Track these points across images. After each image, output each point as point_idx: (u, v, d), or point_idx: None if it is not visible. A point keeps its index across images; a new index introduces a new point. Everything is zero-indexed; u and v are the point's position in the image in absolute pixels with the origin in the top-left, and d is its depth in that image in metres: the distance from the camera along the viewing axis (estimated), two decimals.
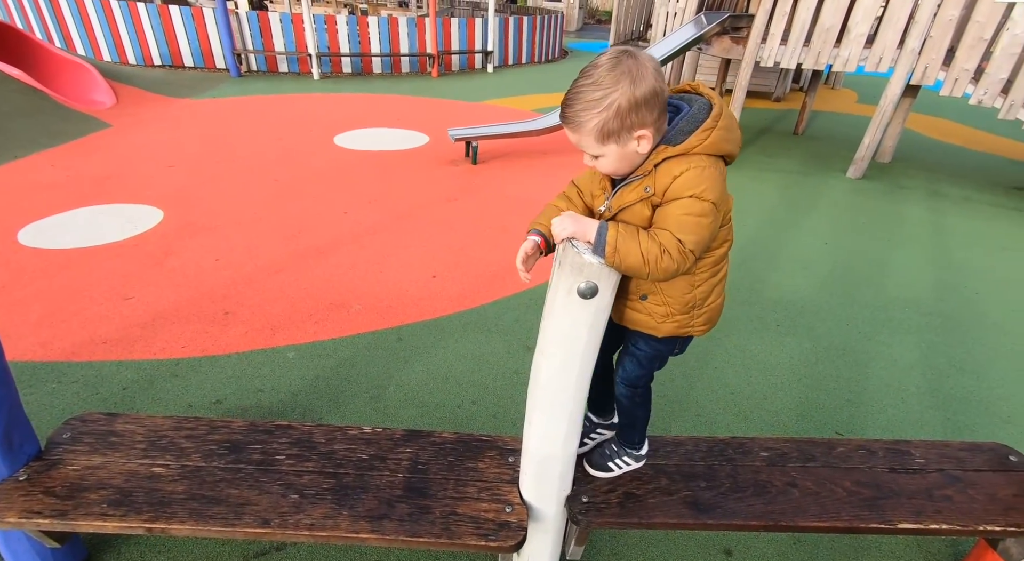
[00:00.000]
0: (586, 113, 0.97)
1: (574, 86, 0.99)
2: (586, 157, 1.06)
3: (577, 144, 1.04)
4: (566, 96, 1.00)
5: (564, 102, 1.00)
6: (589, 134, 0.99)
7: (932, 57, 4.72)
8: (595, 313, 1.03)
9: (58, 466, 1.30)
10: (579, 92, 0.97)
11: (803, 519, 1.26)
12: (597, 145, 1.01)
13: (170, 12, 9.30)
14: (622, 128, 0.97)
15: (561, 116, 1.03)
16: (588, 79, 0.97)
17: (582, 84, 0.97)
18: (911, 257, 3.83)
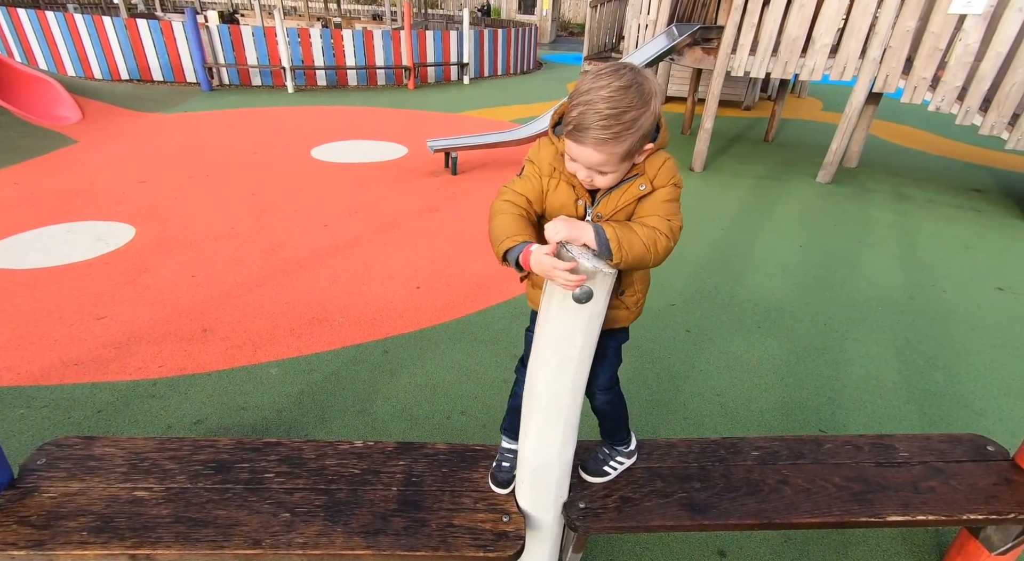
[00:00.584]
0: (624, 134, 0.94)
1: (599, 103, 0.92)
2: (583, 172, 1.02)
3: (589, 162, 0.98)
4: (591, 114, 0.92)
5: (594, 121, 0.92)
6: (616, 155, 0.97)
7: (892, 66, 4.93)
8: (590, 318, 1.04)
9: (33, 494, 1.24)
10: (613, 112, 0.92)
11: (796, 516, 1.28)
12: (617, 163, 0.99)
13: (137, 26, 9.13)
14: (640, 145, 0.99)
15: (586, 135, 0.94)
16: (620, 98, 0.92)
17: (613, 103, 0.92)
18: (881, 257, 3.96)
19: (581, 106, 0.94)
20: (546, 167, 1.10)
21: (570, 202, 1.09)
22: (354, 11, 21.97)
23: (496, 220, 1.06)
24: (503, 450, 1.43)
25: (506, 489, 1.37)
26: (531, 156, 1.13)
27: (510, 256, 1.01)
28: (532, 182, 1.10)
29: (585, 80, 0.96)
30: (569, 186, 1.08)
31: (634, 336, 2.78)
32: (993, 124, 4.70)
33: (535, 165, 1.11)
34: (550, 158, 1.09)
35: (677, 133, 7.61)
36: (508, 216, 1.06)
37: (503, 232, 1.03)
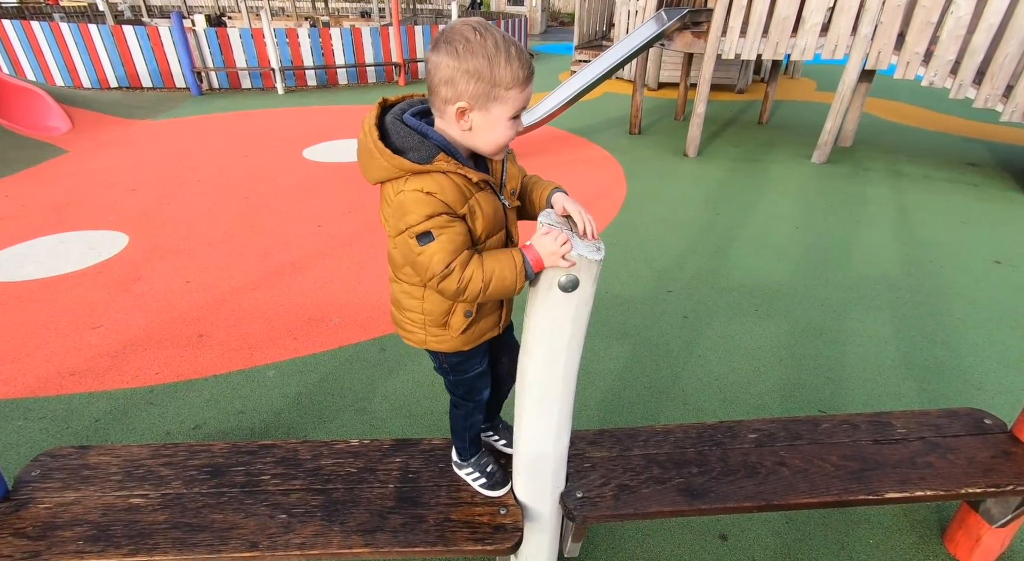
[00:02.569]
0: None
1: (509, 41, 0.93)
2: (517, 123, 0.99)
3: (525, 101, 0.97)
4: (518, 51, 0.93)
5: (521, 56, 0.93)
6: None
7: (884, 42, 4.88)
8: (577, 306, 1.02)
9: (27, 506, 1.23)
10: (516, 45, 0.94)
11: (794, 497, 1.28)
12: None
13: (124, 33, 9.07)
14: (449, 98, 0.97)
15: (530, 66, 0.95)
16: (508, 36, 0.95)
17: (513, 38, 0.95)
18: (878, 235, 3.94)
19: (514, 52, 0.92)
20: (459, 198, 0.96)
21: (495, 202, 1.04)
22: (342, 9, 21.80)
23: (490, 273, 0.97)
24: (478, 459, 1.38)
25: (507, 486, 1.36)
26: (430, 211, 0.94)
27: (529, 273, 0.99)
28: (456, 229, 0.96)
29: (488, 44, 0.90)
30: (484, 191, 1.01)
31: (631, 324, 2.81)
32: (987, 97, 4.66)
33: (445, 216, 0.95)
34: (452, 189, 0.95)
35: (670, 120, 7.56)
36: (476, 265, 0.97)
37: (504, 268, 0.97)
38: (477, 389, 1.31)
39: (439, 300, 1.10)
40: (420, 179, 0.95)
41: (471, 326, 1.13)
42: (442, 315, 1.12)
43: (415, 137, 0.98)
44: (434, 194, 0.94)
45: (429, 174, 0.95)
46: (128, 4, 18.95)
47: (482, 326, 1.17)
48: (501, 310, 1.20)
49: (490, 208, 1.01)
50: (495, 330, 1.21)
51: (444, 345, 1.17)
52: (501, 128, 0.97)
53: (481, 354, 1.25)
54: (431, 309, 1.12)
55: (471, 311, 1.11)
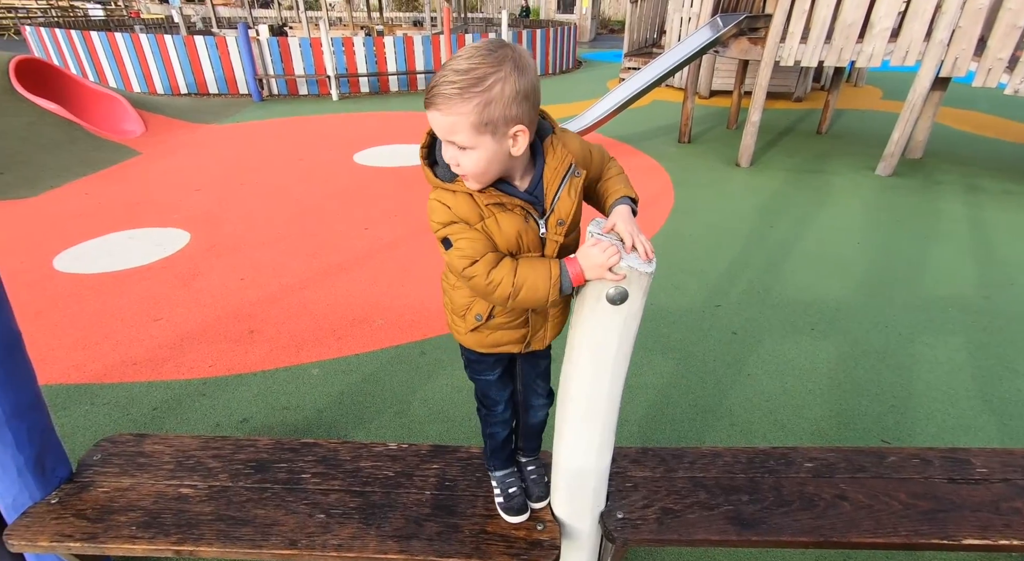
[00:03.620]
0: (470, 92, 0.84)
1: (449, 63, 0.86)
2: (448, 152, 0.92)
3: (440, 129, 0.90)
4: (439, 74, 0.87)
5: (440, 78, 0.86)
6: (465, 118, 0.86)
7: (962, 48, 4.56)
8: (625, 319, 0.98)
9: (88, 489, 1.30)
10: (458, 69, 0.85)
11: (856, 535, 1.18)
12: (471, 132, 0.88)
13: (195, 43, 9.65)
14: (505, 122, 0.88)
15: (432, 94, 0.87)
16: (469, 56, 0.85)
17: (460, 62, 0.85)
18: (951, 254, 3.67)
19: (439, 71, 0.88)
20: (473, 215, 0.97)
21: (519, 225, 0.98)
22: (396, 19, 22.48)
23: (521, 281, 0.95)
24: (502, 477, 1.34)
25: (524, 515, 1.30)
26: (443, 219, 0.98)
27: (566, 287, 0.95)
28: (474, 234, 0.96)
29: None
30: (508, 212, 0.97)
31: (676, 338, 2.71)
32: None
33: (461, 225, 0.97)
34: (467, 206, 0.97)
35: (722, 128, 7.34)
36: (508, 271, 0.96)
37: (539, 278, 0.95)
38: (490, 398, 1.29)
39: (464, 293, 1.12)
40: (441, 191, 0.99)
41: (480, 329, 1.14)
42: (460, 307, 1.14)
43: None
44: (449, 207, 0.98)
45: (447, 194, 0.98)
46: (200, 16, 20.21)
47: (498, 336, 1.14)
48: (527, 328, 1.13)
49: (512, 230, 0.98)
50: (516, 346, 1.15)
51: (460, 337, 1.19)
52: None
53: (494, 363, 1.23)
54: (455, 298, 1.15)
55: (481, 315, 1.11)
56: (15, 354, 1.15)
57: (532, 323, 1.13)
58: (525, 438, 1.39)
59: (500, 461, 1.36)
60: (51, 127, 6.03)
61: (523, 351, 1.18)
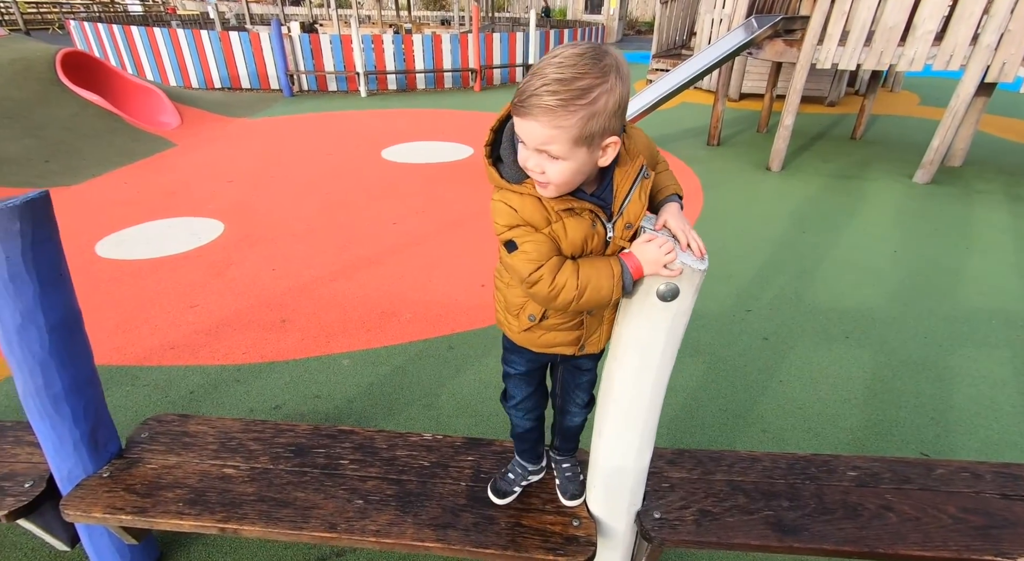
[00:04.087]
0: (574, 104, 0.80)
1: (547, 68, 0.81)
2: (532, 159, 0.88)
3: (534, 139, 0.85)
4: (537, 79, 0.81)
5: (539, 86, 0.80)
6: (565, 131, 0.82)
7: (1011, 52, 4.41)
8: (674, 316, 0.98)
9: (137, 465, 1.34)
10: (561, 77, 0.80)
11: (904, 547, 1.15)
12: (568, 146, 0.84)
13: (230, 38, 9.86)
14: (601, 135, 0.85)
15: (529, 103, 0.82)
16: (572, 63, 0.80)
17: (562, 68, 0.80)
18: (993, 265, 3.55)
19: (529, 76, 0.83)
20: (540, 219, 0.94)
21: (587, 229, 0.95)
22: (423, 17, 22.65)
23: (585, 282, 0.94)
24: (516, 463, 1.36)
25: (503, 499, 1.31)
26: (508, 222, 0.96)
27: (628, 284, 0.95)
28: (538, 237, 0.94)
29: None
30: (576, 217, 0.95)
31: (706, 341, 2.68)
32: None
33: (526, 228, 0.95)
34: (534, 209, 0.94)
35: (752, 132, 7.22)
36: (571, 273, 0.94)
37: (602, 277, 0.94)
38: (508, 390, 1.29)
39: (518, 292, 1.09)
40: (507, 192, 0.96)
41: (532, 329, 1.12)
42: (514, 306, 1.13)
43: (512, 149, 0.96)
44: (515, 210, 0.95)
45: (513, 195, 0.95)
46: (234, 12, 20.65)
47: (551, 337, 1.12)
48: (581, 330, 1.10)
49: (579, 235, 0.95)
50: (569, 348, 1.13)
51: (512, 335, 1.17)
52: None
53: (530, 359, 1.20)
54: (508, 296, 1.13)
55: (535, 316, 1.09)
56: (76, 332, 1.19)
57: (587, 325, 1.10)
58: (561, 438, 1.38)
59: (519, 449, 1.36)
60: (93, 118, 6.23)
61: (577, 354, 1.15)
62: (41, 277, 1.07)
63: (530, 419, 1.31)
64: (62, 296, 1.13)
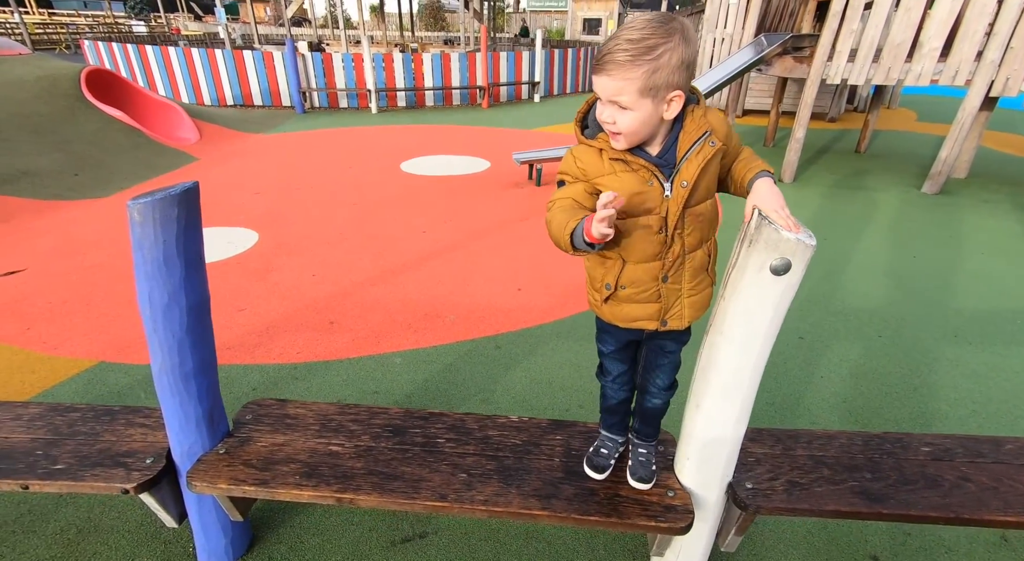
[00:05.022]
0: (640, 59, 0.95)
1: (621, 33, 0.98)
2: (607, 112, 1.03)
3: (607, 91, 1.00)
4: (611, 41, 0.98)
5: (613, 46, 0.97)
6: (632, 83, 0.97)
7: (1014, 68, 4.61)
8: (784, 290, 1.06)
9: (249, 443, 1.40)
10: (631, 38, 0.96)
11: (988, 513, 1.22)
12: (636, 96, 0.99)
13: (243, 57, 10.07)
14: (665, 88, 0.99)
15: (604, 62, 0.98)
16: (641, 27, 0.96)
17: (633, 31, 0.96)
18: (1010, 268, 3.67)
19: (606, 41, 1.00)
20: (594, 170, 1.10)
21: (640, 184, 1.07)
22: (427, 38, 23.12)
23: (555, 218, 1.07)
24: (605, 437, 1.44)
25: (602, 474, 1.37)
26: (566, 168, 1.15)
27: (576, 240, 1.02)
28: (573, 187, 1.12)
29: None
30: (631, 172, 1.08)
31: None
32: None
33: (575, 175, 1.13)
34: (594, 160, 1.10)
35: (759, 146, 7.41)
36: (558, 212, 1.08)
37: (563, 221, 1.04)
38: (604, 367, 1.37)
39: (595, 264, 1.21)
40: (580, 147, 1.14)
41: (611, 300, 1.21)
42: (596, 281, 1.23)
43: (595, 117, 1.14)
44: (577, 160, 1.13)
45: (588, 146, 1.12)
46: (239, 33, 21.03)
47: (629, 309, 1.19)
48: (659, 303, 1.17)
49: (628, 186, 1.07)
50: (651, 322, 1.20)
51: (597, 309, 1.26)
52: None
53: (618, 337, 1.28)
54: (591, 271, 1.25)
55: (610, 284, 1.18)
56: (206, 314, 1.26)
57: (664, 297, 1.17)
58: (640, 420, 1.42)
59: (607, 423, 1.43)
60: (117, 133, 6.34)
61: (660, 328, 1.21)
62: (187, 260, 1.15)
63: (626, 389, 1.39)
64: (200, 279, 1.21)
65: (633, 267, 1.15)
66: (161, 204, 1.06)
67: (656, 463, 1.39)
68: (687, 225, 1.12)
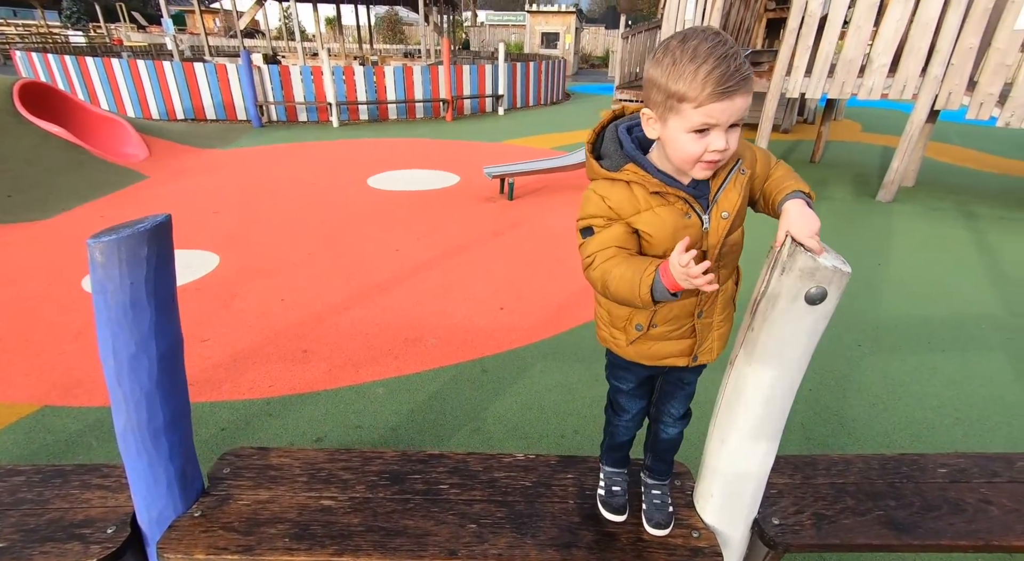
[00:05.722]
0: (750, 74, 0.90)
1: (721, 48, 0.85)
2: (720, 141, 0.90)
3: (738, 113, 0.89)
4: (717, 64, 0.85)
5: (736, 64, 0.85)
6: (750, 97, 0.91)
7: (955, 83, 4.89)
8: (818, 319, 1.01)
9: (228, 502, 1.24)
10: (737, 50, 0.87)
11: (1015, 537, 1.20)
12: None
13: (194, 69, 9.65)
14: None
15: (735, 80, 0.85)
16: (728, 38, 0.89)
17: (730, 44, 0.87)
18: (968, 275, 3.84)
19: (711, 63, 0.84)
20: (628, 209, 0.99)
21: (678, 219, 0.99)
22: (387, 50, 22.93)
23: (614, 273, 0.96)
24: (612, 474, 1.35)
25: (623, 515, 1.29)
26: (593, 212, 1.01)
27: (657, 294, 0.91)
28: (611, 233, 0.99)
29: (679, 52, 0.86)
30: (668, 206, 0.99)
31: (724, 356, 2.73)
32: None
33: (607, 217, 1.00)
34: (625, 197, 0.99)
35: None
36: (615, 267, 0.96)
37: (635, 272, 0.93)
38: (619, 405, 1.28)
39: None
40: (603, 183, 1.01)
41: (640, 340, 1.12)
42: (621, 319, 1.13)
43: (614, 146, 1.04)
44: (605, 199, 1.00)
45: (614, 180, 1.00)
46: (189, 44, 20.28)
47: (661, 347, 1.12)
48: (693, 338, 1.11)
49: (667, 223, 0.98)
50: (682, 358, 1.13)
51: (620, 350, 1.17)
52: (681, 141, 0.92)
53: (639, 374, 1.21)
54: (614, 310, 1.14)
55: (642, 325, 1.10)
56: (179, 360, 1.11)
57: (699, 332, 1.10)
58: (655, 458, 1.34)
59: (613, 459, 1.35)
60: (56, 150, 5.91)
61: (690, 365, 1.15)
62: (159, 303, 1.01)
63: (631, 432, 1.31)
64: (172, 322, 1.07)
65: (670, 305, 1.06)
66: (128, 242, 0.91)
67: (672, 503, 1.31)
68: (723, 256, 1.06)
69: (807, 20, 5.04)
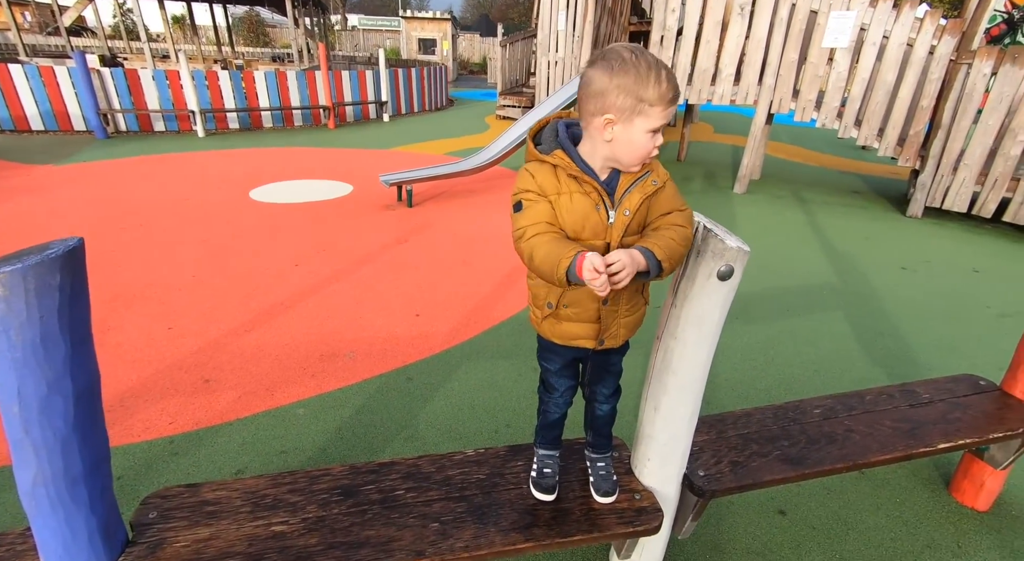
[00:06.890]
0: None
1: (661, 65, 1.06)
2: (660, 137, 1.10)
3: (670, 117, 1.09)
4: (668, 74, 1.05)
5: (671, 79, 1.05)
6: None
7: (784, 91, 5.79)
8: (728, 293, 1.19)
9: (163, 547, 1.12)
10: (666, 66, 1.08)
11: (872, 455, 1.50)
12: None
13: (10, 72, 8.20)
14: None
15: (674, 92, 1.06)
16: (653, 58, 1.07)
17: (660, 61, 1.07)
18: (808, 251, 4.57)
19: (664, 74, 1.04)
20: (551, 188, 1.11)
21: (590, 209, 1.11)
22: (252, 53, 21.30)
23: (541, 250, 1.05)
24: (544, 456, 1.44)
25: (552, 494, 1.36)
26: (525, 186, 1.12)
27: (571, 276, 1.01)
28: (539, 209, 1.10)
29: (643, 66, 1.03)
30: (583, 195, 1.11)
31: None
32: (866, 136, 5.66)
33: (536, 193, 1.11)
34: (550, 178, 1.11)
35: None
36: (541, 243, 1.06)
37: (556, 255, 1.03)
38: (550, 384, 1.38)
39: (540, 284, 1.23)
40: (534, 163, 1.16)
41: (551, 318, 1.25)
42: (539, 298, 1.25)
43: (551, 135, 1.19)
44: (534, 176, 1.13)
45: (542, 162, 1.14)
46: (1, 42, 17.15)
47: (568, 327, 1.24)
48: (598, 324, 1.22)
49: (580, 209, 1.10)
50: (589, 342, 1.24)
51: (537, 326, 1.30)
52: (642, 139, 1.09)
53: (562, 356, 1.32)
54: (534, 289, 1.27)
55: (552, 304, 1.22)
56: (97, 398, 0.99)
57: (604, 318, 1.22)
58: (595, 433, 1.44)
59: (545, 440, 1.44)
60: None
61: (597, 347, 1.26)
62: (74, 336, 0.90)
63: (562, 410, 1.41)
64: (88, 356, 0.96)
65: (576, 289, 1.15)
66: (37, 270, 0.81)
67: (615, 472, 1.44)
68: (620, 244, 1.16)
69: (666, 35, 5.64)
